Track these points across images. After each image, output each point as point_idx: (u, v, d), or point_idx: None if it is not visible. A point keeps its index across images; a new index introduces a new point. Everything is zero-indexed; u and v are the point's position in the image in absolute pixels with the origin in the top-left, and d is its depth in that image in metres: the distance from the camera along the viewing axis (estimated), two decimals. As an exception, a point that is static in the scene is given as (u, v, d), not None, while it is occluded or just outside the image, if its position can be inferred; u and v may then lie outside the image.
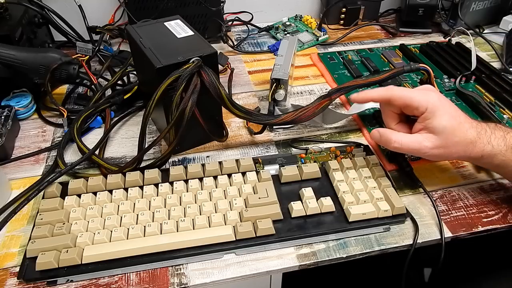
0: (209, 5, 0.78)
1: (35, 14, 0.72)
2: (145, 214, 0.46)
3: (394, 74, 0.63)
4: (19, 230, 0.48)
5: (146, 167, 0.53)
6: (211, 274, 0.43)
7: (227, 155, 0.58)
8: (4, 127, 0.57)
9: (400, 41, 0.86)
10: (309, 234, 0.46)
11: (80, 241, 0.44)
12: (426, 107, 0.45)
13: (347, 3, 0.90)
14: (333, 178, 0.51)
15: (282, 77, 0.57)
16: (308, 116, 0.56)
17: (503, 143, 0.45)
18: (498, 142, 0.45)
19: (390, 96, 0.47)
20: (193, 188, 0.49)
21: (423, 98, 0.45)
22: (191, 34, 0.55)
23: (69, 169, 0.52)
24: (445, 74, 0.73)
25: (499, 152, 0.45)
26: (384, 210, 0.47)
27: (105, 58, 0.75)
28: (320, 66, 0.77)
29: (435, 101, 0.45)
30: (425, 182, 0.52)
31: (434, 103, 0.45)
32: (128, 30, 0.56)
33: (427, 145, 0.45)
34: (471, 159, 0.47)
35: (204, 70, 0.49)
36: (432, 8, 0.86)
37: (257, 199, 0.48)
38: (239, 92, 0.71)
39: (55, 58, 0.61)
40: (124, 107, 0.66)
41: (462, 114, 0.46)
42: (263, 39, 0.89)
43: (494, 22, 0.91)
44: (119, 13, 0.85)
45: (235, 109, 0.52)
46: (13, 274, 0.43)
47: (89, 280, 0.43)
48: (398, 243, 0.46)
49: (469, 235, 0.48)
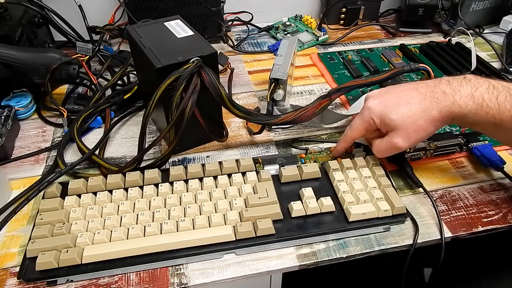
0: (209, 5, 0.78)
1: (35, 14, 0.72)
2: (145, 214, 0.46)
3: (394, 74, 0.63)
4: (19, 230, 0.48)
5: (146, 167, 0.53)
6: (211, 274, 0.43)
7: (227, 155, 0.58)
8: (4, 127, 0.57)
9: (400, 41, 0.86)
10: (309, 234, 0.46)
11: (80, 241, 0.44)
12: (373, 120, 0.47)
13: (347, 3, 0.90)
14: (333, 178, 0.51)
15: (281, 77, 0.57)
16: (308, 116, 0.56)
17: (471, 102, 0.43)
18: (465, 101, 0.43)
19: (351, 138, 0.51)
20: (193, 188, 0.49)
21: (365, 116, 0.48)
22: (191, 34, 0.55)
23: (69, 169, 0.52)
24: (445, 74, 0.73)
25: (468, 111, 0.43)
26: (384, 210, 0.47)
27: (105, 58, 0.75)
28: (320, 66, 0.77)
29: (374, 108, 0.47)
30: (425, 182, 0.52)
31: (374, 110, 0.47)
32: (128, 30, 0.56)
33: (398, 141, 0.46)
34: (447, 122, 0.46)
35: (204, 70, 0.49)
36: (432, 8, 0.86)
37: (257, 199, 0.48)
38: (239, 92, 0.72)
39: (55, 58, 0.61)
40: (124, 107, 0.66)
41: (407, 93, 0.46)
42: (263, 39, 0.89)
43: (494, 22, 0.91)
44: (119, 13, 0.85)
45: (235, 109, 0.52)
46: (13, 274, 0.43)
47: (89, 280, 0.43)
48: (398, 243, 0.46)
49: (469, 235, 0.48)
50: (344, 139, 0.52)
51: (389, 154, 0.49)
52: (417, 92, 0.46)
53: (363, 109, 0.49)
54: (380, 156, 0.50)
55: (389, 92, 0.48)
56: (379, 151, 0.49)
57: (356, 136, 0.51)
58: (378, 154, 0.50)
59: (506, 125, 0.43)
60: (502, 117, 0.43)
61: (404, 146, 0.46)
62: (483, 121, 0.44)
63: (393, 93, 0.47)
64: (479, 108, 0.43)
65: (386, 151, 0.48)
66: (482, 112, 0.43)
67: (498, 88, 0.43)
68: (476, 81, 0.44)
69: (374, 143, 0.50)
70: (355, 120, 0.50)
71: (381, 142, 0.48)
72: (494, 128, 0.44)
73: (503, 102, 0.43)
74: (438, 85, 0.45)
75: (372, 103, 0.48)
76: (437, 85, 0.45)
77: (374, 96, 0.49)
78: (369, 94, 0.50)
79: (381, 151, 0.49)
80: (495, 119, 0.43)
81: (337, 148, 0.54)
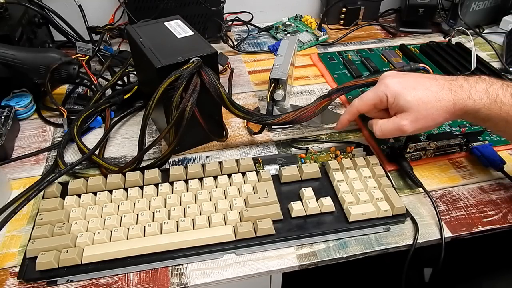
0: (209, 5, 0.78)
1: (35, 14, 0.72)
2: (145, 214, 0.46)
3: (394, 74, 0.63)
4: (19, 230, 0.48)
5: (146, 167, 0.53)
6: (211, 274, 0.43)
7: (227, 155, 0.58)
8: (4, 127, 0.57)
9: (400, 41, 0.86)
10: (309, 234, 0.46)
11: (80, 241, 0.44)
12: (386, 96, 0.47)
13: (347, 3, 0.90)
14: (333, 178, 0.51)
15: (280, 77, 0.57)
16: (308, 116, 0.56)
17: (485, 96, 0.44)
18: (480, 95, 0.44)
19: (357, 110, 0.51)
20: (193, 188, 0.49)
21: (379, 91, 0.48)
22: (191, 34, 0.55)
23: (69, 169, 0.52)
24: (445, 74, 0.73)
25: (482, 106, 0.44)
26: (384, 210, 0.47)
27: (105, 58, 0.75)
28: (320, 66, 0.77)
29: (392, 85, 0.47)
30: (425, 182, 0.52)
31: (391, 88, 0.47)
32: (128, 30, 0.56)
33: (405, 123, 0.46)
34: (457, 117, 0.47)
35: (204, 70, 0.49)
36: (432, 8, 0.86)
37: (257, 199, 0.48)
38: (239, 92, 0.72)
39: (55, 58, 0.61)
40: (124, 107, 0.66)
41: (427, 81, 0.46)
42: (263, 39, 0.89)
43: (494, 22, 0.91)
44: (119, 13, 0.85)
45: (235, 109, 0.52)
46: (13, 274, 0.43)
47: (89, 280, 0.43)
48: (398, 243, 0.46)
49: (469, 235, 0.48)
50: (350, 111, 0.52)
51: (392, 135, 0.49)
52: (436, 81, 0.46)
53: (379, 84, 0.49)
54: (382, 136, 0.49)
55: (408, 75, 0.48)
56: (382, 130, 0.48)
57: (363, 108, 0.50)
58: (380, 134, 0.49)
59: None
60: None
61: (409, 130, 0.46)
62: (495, 117, 0.44)
63: (412, 77, 0.48)
64: (493, 103, 0.44)
65: (391, 132, 0.48)
66: (495, 107, 0.44)
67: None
68: (490, 79, 0.46)
69: (378, 122, 0.49)
70: (367, 93, 0.50)
71: (387, 122, 0.48)
72: (505, 125, 0.45)
73: None
74: (456, 80, 0.46)
75: (390, 81, 0.47)
76: (455, 79, 0.46)
77: (393, 76, 0.48)
78: (387, 73, 0.49)
79: (384, 130, 0.48)
80: (507, 114, 0.44)
81: (341, 120, 0.53)
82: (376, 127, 0.49)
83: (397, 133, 0.48)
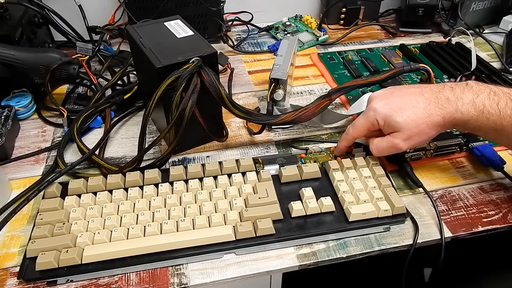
0: (209, 5, 0.78)
1: (35, 14, 0.72)
2: (145, 214, 0.46)
3: (394, 74, 0.63)
4: (19, 230, 0.48)
5: (146, 167, 0.53)
6: (211, 274, 0.43)
7: (227, 155, 0.58)
8: (4, 127, 0.57)
9: (400, 41, 0.86)
10: (309, 234, 0.46)
11: (80, 241, 0.44)
12: (376, 120, 0.48)
13: (347, 3, 0.90)
14: (333, 178, 0.51)
15: (280, 77, 0.57)
16: (308, 116, 0.56)
17: (472, 109, 0.44)
18: (467, 108, 0.44)
19: (352, 137, 0.52)
20: (193, 188, 0.49)
21: (369, 116, 0.49)
22: (191, 34, 0.55)
23: (69, 169, 0.52)
24: (445, 74, 0.73)
25: (470, 118, 0.44)
26: (384, 210, 0.47)
27: (105, 58, 0.75)
28: (320, 66, 0.77)
29: (379, 109, 0.48)
30: (425, 182, 0.52)
31: (379, 111, 0.48)
32: (128, 30, 0.56)
33: (399, 142, 0.47)
34: (448, 128, 0.47)
35: (204, 70, 0.49)
36: (432, 8, 0.86)
37: (257, 199, 0.48)
38: (239, 92, 0.72)
39: (55, 58, 0.61)
40: (124, 107, 0.66)
41: (413, 97, 0.47)
42: (263, 39, 0.89)
43: (494, 22, 0.91)
44: (119, 13, 0.85)
45: (235, 109, 0.52)
46: (13, 274, 0.43)
47: (89, 280, 0.43)
48: (398, 243, 0.46)
49: (469, 235, 0.48)
50: (345, 138, 0.53)
51: (388, 153, 0.50)
52: (422, 97, 0.46)
53: (367, 110, 0.49)
54: (378, 154, 0.50)
55: (394, 95, 0.48)
56: (378, 149, 0.49)
57: (358, 135, 0.51)
58: (377, 153, 0.50)
59: (507, 130, 0.44)
60: (503, 123, 0.43)
61: (404, 147, 0.47)
62: (484, 127, 0.45)
63: (398, 96, 0.48)
64: (480, 114, 0.44)
65: (386, 150, 0.49)
66: (483, 118, 0.44)
67: (499, 94, 0.44)
68: (477, 87, 0.45)
69: (374, 141, 0.50)
70: (358, 119, 0.50)
71: (381, 141, 0.49)
72: (495, 134, 0.45)
73: (504, 108, 0.43)
74: (442, 91, 0.46)
75: (377, 105, 0.48)
76: (441, 91, 0.46)
77: (379, 98, 0.49)
78: (374, 95, 0.50)
79: (380, 149, 0.49)
80: (496, 125, 0.44)
81: (339, 147, 0.54)
82: (372, 146, 0.50)
83: (393, 151, 0.48)
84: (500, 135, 0.45)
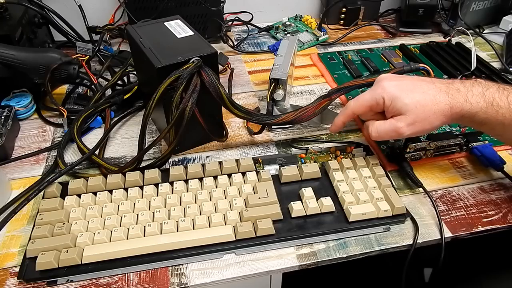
0: (209, 5, 0.78)
1: (35, 14, 0.72)
2: (145, 214, 0.46)
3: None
4: (19, 230, 0.48)
5: (146, 167, 0.53)
6: (211, 274, 0.43)
7: (227, 155, 0.58)
8: (4, 127, 0.57)
9: (400, 41, 0.86)
10: (309, 234, 0.46)
11: (80, 241, 0.44)
12: (383, 98, 0.46)
13: (347, 3, 0.90)
14: (333, 178, 0.51)
15: (280, 77, 0.57)
16: (308, 116, 0.56)
17: (482, 100, 0.44)
18: (476, 99, 0.44)
19: (352, 112, 0.50)
20: (193, 188, 0.49)
21: (376, 93, 0.47)
22: (191, 34, 0.55)
23: (69, 169, 0.52)
24: (445, 74, 0.73)
25: (479, 109, 0.44)
26: (384, 210, 0.47)
27: (105, 58, 0.75)
28: (320, 66, 0.77)
29: (389, 88, 0.46)
30: (425, 182, 0.52)
31: (388, 90, 0.46)
32: (128, 30, 0.56)
33: (401, 125, 0.46)
34: (454, 120, 0.46)
35: (204, 70, 0.49)
36: (432, 8, 0.86)
37: (257, 199, 0.48)
38: (239, 92, 0.72)
39: (55, 58, 0.61)
40: (124, 107, 0.66)
41: (424, 84, 0.46)
42: (263, 39, 0.89)
43: (494, 22, 0.91)
44: (119, 13, 0.85)
45: (235, 109, 0.52)
46: (13, 274, 0.43)
47: (89, 280, 0.43)
48: (398, 243, 0.46)
49: (469, 235, 0.48)
50: (345, 113, 0.51)
51: (388, 138, 0.48)
52: (433, 85, 0.46)
53: (375, 87, 0.48)
54: (377, 138, 0.48)
55: (405, 78, 0.48)
56: (378, 131, 0.48)
57: (358, 110, 0.49)
58: (376, 135, 0.48)
59: None
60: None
61: (406, 133, 0.46)
62: (492, 120, 0.44)
63: (410, 80, 0.47)
64: (490, 106, 0.44)
65: (387, 133, 0.47)
66: (492, 110, 0.44)
67: (508, 89, 0.45)
68: (486, 83, 0.46)
69: (374, 123, 0.48)
70: (363, 94, 0.49)
71: (383, 124, 0.47)
72: (502, 128, 0.45)
73: None
74: (453, 83, 0.46)
75: (387, 83, 0.47)
76: (451, 83, 0.46)
77: (391, 78, 0.48)
78: (384, 76, 0.49)
79: (381, 132, 0.47)
80: (504, 118, 0.44)
81: (335, 122, 0.52)
82: (372, 128, 0.48)
83: (394, 135, 0.47)
84: (507, 129, 0.44)
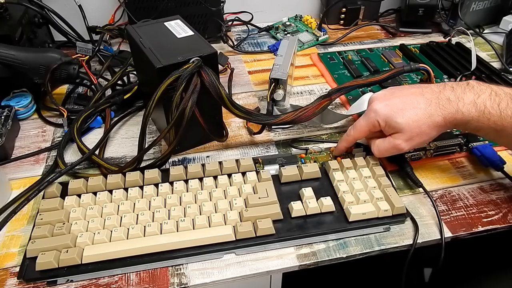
0: (209, 5, 0.79)
1: (35, 14, 0.72)
2: (145, 214, 0.46)
3: (394, 74, 0.63)
4: (19, 230, 0.48)
5: (146, 167, 0.53)
6: (211, 274, 0.43)
7: (227, 155, 0.58)
8: (4, 127, 0.57)
9: (400, 41, 0.86)
10: (309, 234, 0.46)
11: (80, 241, 0.44)
12: (378, 121, 0.48)
13: (347, 3, 0.90)
14: (333, 178, 0.51)
15: (280, 77, 0.57)
16: (308, 116, 0.56)
17: (473, 109, 0.44)
18: (467, 108, 0.44)
19: (353, 139, 0.52)
20: (193, 188, 0.49)
21: (370, 117, 0.49)
22: (191, 34, 0.55)
23: (69, 169, 0.52)
24: (445, 74, 0.73)
25: (471, 118, 0.44)
26: (384, 210, 0.47)
27: (105, 58, 0.75)
28: (320, 66, 0.77)
29: (380, 111, 0.48)
30: (425, 182, 0.52)
31: (380, 113, 0.48)
32: (128, 30, 0.56)
33: (400, 143, 0.47)
34: (449, 128, 0.47)
35: (204, 70, 0.49)
36: (432, 8, 0.86)
37: (257, 199, 0.48)
38: (239, 92, 0.72)
39: (55, 58, 0.61)
40: (124, 107, 0.66)
41: (413, 98, 0.47)
42: (263, 39, 0.89)
43: (494, 22, 0.91)
44: (119, 13, 0.85)
45: (235, 109, 0.52)
46: (13, 274, 0.43)
47: (89, 280, 0.43)
48: (398, 243, 0.46)
49: (469, 235, 0.48)
50: (346, 139, 0.53)
51: (390, 154, 0.50)
52: (422, 97, 0.46)
53: (368, 111, 0.49)
54: (379, 155, 0.50)
55: (395, 96, 0.48)
56: (379, 150, 0.49)
57: (359, 136, 0.51)
58: (378, 154, 0.50)
59: (508, 131, 0.44)
60: (503, 123, 0.43)
61: (405, 148, 0.47)
62: (485, 127, 0.45)
63: (399, 97, 0.48)
64: (481, 115, 0.44)
65: (387, 151, 0.49)
66: (484, 118, 0.44)
67: (500, 95, 0.44)
68: (479, 87, 0.45)
69: (375, 142, 0.50)
70: (359, 121, 0.50)
71: (383, 142, 0.49)
72: (495, 134, 0.45)
73: (505, 109, 0.43)
74: (443, 92, 0.46)
75: (378, 106, 0.48)
76: (441, 91, 0.46)
77: (380, 99, 0.49)
78: (374, 96, 0.50)
79: (381, 150, 0.49)
80: (496, 125, 0.44)
81: (339, 147, 0.54)
82: (373, 147, 0.50)
83: (395, 152, 0.49)
84: (501, 135, 0.45)
